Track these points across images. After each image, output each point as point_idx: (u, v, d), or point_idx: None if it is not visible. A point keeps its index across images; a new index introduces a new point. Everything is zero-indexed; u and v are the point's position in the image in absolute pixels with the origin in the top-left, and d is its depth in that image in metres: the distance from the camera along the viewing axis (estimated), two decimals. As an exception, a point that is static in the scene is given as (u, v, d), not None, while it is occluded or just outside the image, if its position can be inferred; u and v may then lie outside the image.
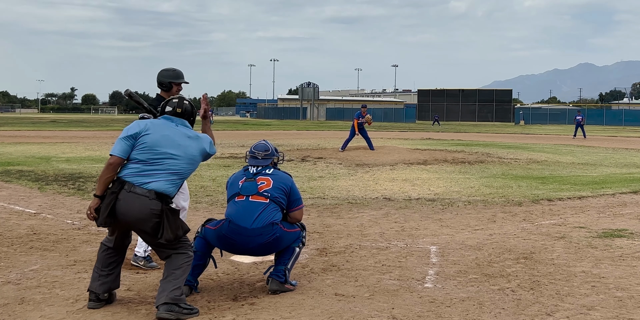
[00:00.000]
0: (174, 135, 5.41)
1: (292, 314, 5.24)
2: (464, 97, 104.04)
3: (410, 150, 23.65)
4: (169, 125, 5.47)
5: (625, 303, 5.65)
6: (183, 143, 5.40)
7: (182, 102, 5.61)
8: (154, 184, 5.18)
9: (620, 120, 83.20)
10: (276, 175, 6.09)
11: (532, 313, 5.32)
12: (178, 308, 5.09)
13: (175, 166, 5.31)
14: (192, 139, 5.49)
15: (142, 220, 5.11)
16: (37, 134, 38.99)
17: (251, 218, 5.82)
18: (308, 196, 12.01)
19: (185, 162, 5.38)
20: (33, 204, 10.89)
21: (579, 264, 7.06)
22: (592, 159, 22.60)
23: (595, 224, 9.50)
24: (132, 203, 5.09)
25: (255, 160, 6.18)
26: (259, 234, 5.82)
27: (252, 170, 6.12)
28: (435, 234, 8.63)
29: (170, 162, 5.30)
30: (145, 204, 5.09)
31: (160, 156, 5.28)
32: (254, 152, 6.22)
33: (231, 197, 6.04)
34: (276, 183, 6.01)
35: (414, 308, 5.42)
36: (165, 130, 5.42)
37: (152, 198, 5.12)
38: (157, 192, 5.16)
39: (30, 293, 5.74)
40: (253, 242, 5.83)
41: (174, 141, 5.36)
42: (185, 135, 5.46)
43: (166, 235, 5.14)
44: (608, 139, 42.42)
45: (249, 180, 6.03)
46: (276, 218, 5.92)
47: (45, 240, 8.02)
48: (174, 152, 5.32)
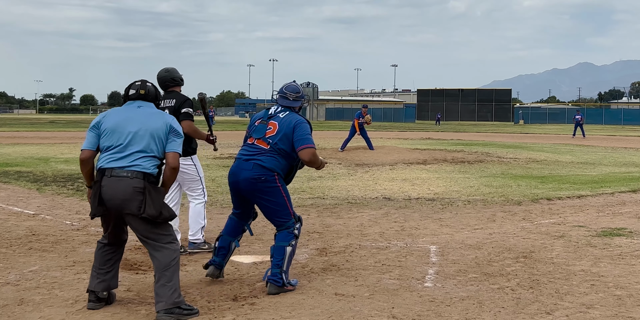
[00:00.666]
0: (135, 115, 5.39)
1: (292, 314, 5.24)
2: (463, 97, 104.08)
3: (410, 150, 23.66)
4: (130, 108, 5.47)
5: (625, 301, 5.65)
6: (144, 119, 5.36)
7: (145, 84, 5.58)
8: (129, 165, 5.18)
9: (619, 120, 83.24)
10: (285, 120, 6.07)
11: (532, 312, 5.33)
12: (178, 310, 5.10)
13: (141, 143, 5.26)
14: (154, 114, 5.44)
15: (127, 200, 5.10)
16: (35, 134, 38.98)
17: (250, 163, 5.94)
18: (308, 196, 12.02)
19: (149, 136, 5.28)
20: (32, 205, 10.87)
21: (578, 262, 7.06)
22: (591, 158, 22.60)
23: (594, 222, 9.51)
24: (116, 186, 5.11)
25: (287, 101, 6.24)
26: (249, 169, 5.91)
27: (272, 111, 6.19)
28: (435, 234, 8.63)
29: (135, 140, 5.26)
30: (127, 183, 5.11)
31: (124, 137, 5.26)
32: (285, 93, 6.26)
33: (246, 136, 6.21)
34: (280, 128, 6.02)
35: (414, 307, 5.43)
36: (126, 112, 5.43)
37: (133, 177, 5.13)
38: (136, 171, 5.16)
39: (29, 294, 5.73)
40: (242, 174, 5.94)
41: (134, 119, 5.35)
42: (147, 113, 5.43)
43: (149, 211, 5.11)
44: (607, 138, 42.42)
45: (262, 123, 6.12)
46: (268, 164, 5.93)
47: (44, 241, 8.01)
48: (135, 129, 5.27)
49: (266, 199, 5.95)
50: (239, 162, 6.05)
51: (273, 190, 5.95)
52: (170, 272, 5.19)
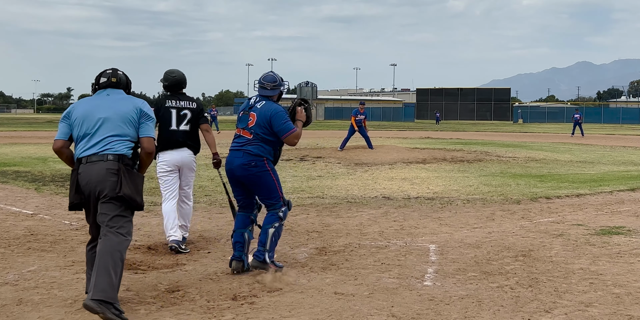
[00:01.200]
0: (104, 102, 5.42)
1: (291, 313, 5.24)
2: (462, 96, 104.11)
3: (409, 149, 23.66)
4: (99, 96, 5.49)
5: (623, 299, 5.66)
6: (113, 104, 5.39)
7: (117, 72, 5.59)
8: (103, 150, 5.20)
9: (618, 119, 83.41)
10: (262, 110, 6.61)
11: (531, 310, 5.34)
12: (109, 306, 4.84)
13: (112, 128, 5.28)
14: (123, 99, 5.47)
15: (101, 182, 5.11)
16: (33, 134, 38.79)
17: (239, 153, 6.56)
18: (307, 195, 12.02)
19: (120, 121, 5.30)
20: (30, 205, 10.85)
21: (577, 261, 7.07)
22: (590, 157, 22.62)
23: (593, 221, 9.51)
24: (91, 170, 5.14)
25: (265, 90, 6.76)
26: (240, 157, 6.53)
27: (252, 102, 6.74)
28: (434, 233, 8.64)
29: (106, 125, 5.27)
30: (102, 166, 5.13)
31: (95, 124, 5.28)
32: (263, 83, 6.78)
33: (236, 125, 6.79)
34: (258, 119, 6.58)
35: (413, 306, 5.43)
36: (95, 100, 5.46)
37: (108, 160, 5.16)
38: (109, 153, 5.18)
39: (28, 294, 5.73)
40: (235, 162, 6.53)
41: (103, 106, 5.37)
42: (116, 99, 5.46)
43: (125, 190, 5.11)
44: (606, 137, 42.45)
45: (245, 113, 6.71)
46: (255, 151, 6.52)
47: (43, 241, 8.00)
48: (105, 115, 5.29)
49: (258, 182, 6.54)
50: (232, 153, 6.64)
51: (264, 174, 6.53)
52: (111, 260, 4.99)
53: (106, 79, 5.52)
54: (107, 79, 5.52)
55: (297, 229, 8.80)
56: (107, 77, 5.53)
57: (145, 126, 5.39)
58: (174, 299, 5.62)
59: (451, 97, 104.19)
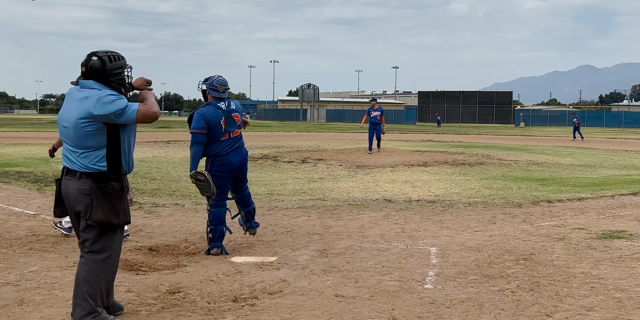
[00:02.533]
0: (69, 104, 4.84)
1: (292, 315, 5.24)
2: (464, 99, 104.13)
3: (411, 152, 23.65)
4: (69, 95, 4.91)
5: (624, 304, 5.66)
6: (73, 110, 4.77)
7: (90, 58, 4.84)
8: (73, 164, 4.78)
9: (620, 122, 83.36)
10: (237, 107, 7.56)
11: (532, 314, 5.33)
12: None
13: (74, 141, 4.77)
14: (81, 101, 4.75)
15: (74, 201, 4.77)
16: (36, 135, 38.77)
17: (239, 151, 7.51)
18: (308, 198, 12.02)
19: (73, 130, 4.74)
20: (32, 205, 10.87)
21: (579, 265, 7.06)
22: (592, 161, 22.59)
23: (594, 225, 9.49)
24: (68, 185, 4.79)
25: (218, 93, 7.39)
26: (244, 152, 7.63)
27: (223, 107, 7.38)
28: (436, 236, 8.63)
29: (69, 137, 4.79)
30: (75, 185, 4.74)
31: (62, 131, 4.84)
32: (216, 86, 7.41)
33: (216, 136, 7.25)
34: (240, 115, 7.57)
35: (414, 309, 5.43)
36: (66, 101, 4.91)
37: (79, 178, 4.74)
38: (81, 171, 4.75)
39: (29, 294, 5.73)
40: (243, 156, 7.53)
41: (66, 112, 4.83)
42: (76, 100, 4.79)
43: (95, 216, 4.70)
44: (608, 140, 42.43)
45: (228, 118, 7.34)
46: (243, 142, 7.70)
47: (45, 242, 8.01)
48: (66, 124, 4.79)
49: (247, 166, 7.71)
50: (234, 152, 7.41)
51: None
52: (84, 287, 4.78)
53: (81, 69, 4.86)
54: (81, 67, 4.86)
55: (298, 231, 8.80)
56: (81, 65, 4.86)
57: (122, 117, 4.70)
58: (175, 301, 5.62)
59: (453, 100, 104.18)
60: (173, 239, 8.24)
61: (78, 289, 4.76)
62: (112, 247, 4.88)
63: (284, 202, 11.42)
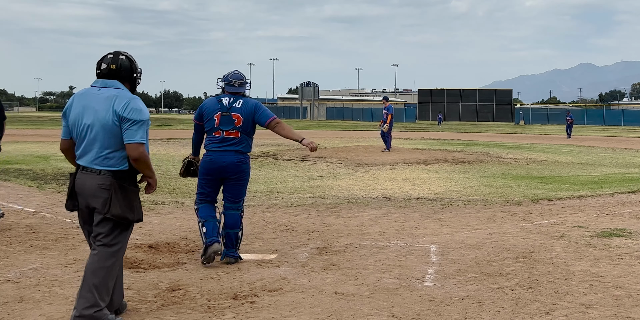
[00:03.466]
0: (91, 102, 4.83)
1: (292, 313, 5.24)
2: (464, 97, 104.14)
3: (411, 150, 23.65)
4: (91, 92, 4.90)
5: (624, 302, 5.66)
6: (98, 107, 4.79)
7: (118, 57, 4.94)
8: (94, 162, 4.80)
9: (620, 121, 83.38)
10: (244, 108, 6.83)
11: (531, 311, 5.34)
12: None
13: (98, 138, 4.79)
14: (109, 99, 4.79)
15: (92, 195, 4.78)
16: (35, 132, 38.67)
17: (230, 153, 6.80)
18: (308, 195, 12.02)
19: (101, 130, 4.77)
20: (32, 203, 10.85)
21: (578, 263, 7.07)
22: (592, 159, 22.61)
23: (594, 223, 9.51)
24: (85, 180, 4.81)
25: (233, 87, 6.90)
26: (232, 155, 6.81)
27: (225, 102, 6.85)
28: (435, 233, 8.63)
29: (92, 134, 4.80)
30: (94, 180, 4.77)
31: (84, 131, 4.82)
32: (230, 81, 6.92)
33: (209, 130, 6.84)
34: (245, 117, 6.81)
35: (413, 306, 5.43)
36: (85, 99, 4.88)
37: (100, 173, 4.78)
38: (103, 169, 4.79)
39: (29, 291, 5.73)
40: (228, 159, 6.77)
41: (90, 109, 4.81)
42: (102, 99, 4.81)
43: (113, 210, 4.76)
44: (607, 139, 42.51)
45: (224, 115, 6.81)
46: (245, 149, 6.90)
47: (45, 239, 8.00)
48: (89, 122, 4.78)
49: (241, 179, 6.89)
50: (218, 153, 6.82)
51: (247, 171, 6.95)
52: (97, 279, 4.77)
53: (106, 66, 4.89)
54: (107, 65, 4.89)
55: (297, 229, 8.80)
56: (106, 64, 4.90)
57: (128, 132, 4.76)
58: (175, 298, 5.62)
59: (453, 98, 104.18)
60: (173, 236, 8.24)
61: (85, 281, 4.77)
62: (123, 242, 4.98)
63: (283, 199, 11.42)
